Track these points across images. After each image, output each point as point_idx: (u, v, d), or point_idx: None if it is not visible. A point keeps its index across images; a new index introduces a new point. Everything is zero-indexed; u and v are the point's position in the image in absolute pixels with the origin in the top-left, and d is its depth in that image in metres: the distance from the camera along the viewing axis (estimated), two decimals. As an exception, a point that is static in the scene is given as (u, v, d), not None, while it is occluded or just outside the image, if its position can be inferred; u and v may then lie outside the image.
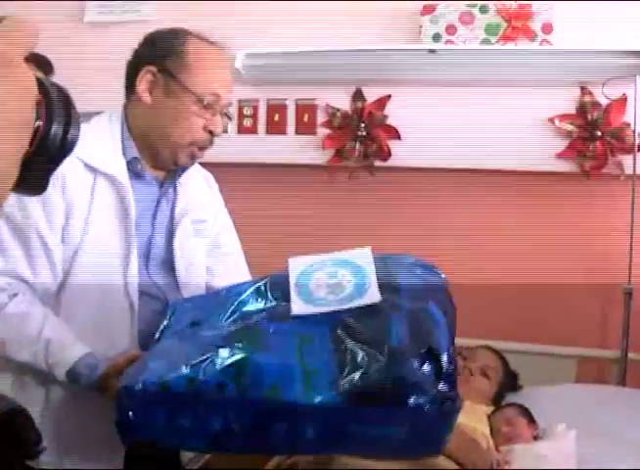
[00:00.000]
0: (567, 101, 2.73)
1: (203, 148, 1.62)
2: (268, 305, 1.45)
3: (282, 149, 2.93)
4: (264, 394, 1.19)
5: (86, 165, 1.53)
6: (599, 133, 2.66)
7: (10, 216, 1.49)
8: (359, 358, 1.19)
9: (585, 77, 2.68)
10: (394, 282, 1.41)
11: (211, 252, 1.80)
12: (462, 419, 2.05)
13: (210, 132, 1.58)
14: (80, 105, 2.27)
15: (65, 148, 0.55)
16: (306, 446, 1.26)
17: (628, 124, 2.65)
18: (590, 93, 2.69)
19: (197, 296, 1.66)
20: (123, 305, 1.57)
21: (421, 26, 2.73)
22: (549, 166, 2.75)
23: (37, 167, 0.54)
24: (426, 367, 1.17)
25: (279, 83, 2.98)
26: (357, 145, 2.87)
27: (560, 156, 2.73)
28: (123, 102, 1.66)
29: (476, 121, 2.78)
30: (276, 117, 2.99)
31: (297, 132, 2.97)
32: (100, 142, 1.57)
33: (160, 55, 1.56)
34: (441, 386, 1.15)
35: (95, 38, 3.18)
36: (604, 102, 2.67)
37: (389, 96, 2.87)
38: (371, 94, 2.89)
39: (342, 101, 2.92)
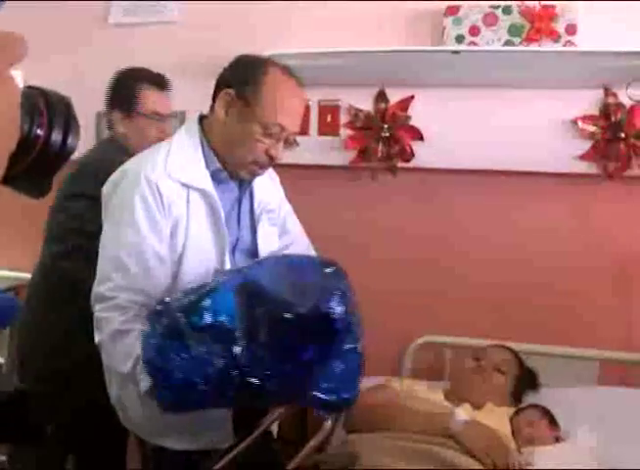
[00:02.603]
0: (590, 102, 2.71)
1: (263, 167, 1.84)
2: None
3: (305, 149, 2.94)
4: None
5: (182, 184, 1.76)
6: (623, 135, 2.65)
7: (124, 239, 1.72)
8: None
9: (609, 79, 2.66)
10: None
11: (282, 236, 2.08)
12: (483, 420, 2.07)
13: (270, 156, 1.79)
14: (102, 105, 2.23)
15: (63, 154, 0.59)
16: None
17: (653, 126, 2.63)
18: (614, 94, 2.67)
19: None
20: None
21: (444, 28, 2.73)
22: (572, 168, 2.74)
23: (38, 172, 0.58)
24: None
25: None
26: (380, 146, 2.88)
27: (583, 157, 2.71)
28: (200, 113, 1.88)
29: (498, 123, 2.78)
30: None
31: (320, 133, 2.97)
32: (187, 160, 1.80)
33: (240, 81, 1.76)
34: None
35: (119, 39, 3.22)
36: (628, 103, 2.65)
37: (412, 97, 2.87)
38: (394, 95, 2.89)
39: (365, 102, 2.92)
